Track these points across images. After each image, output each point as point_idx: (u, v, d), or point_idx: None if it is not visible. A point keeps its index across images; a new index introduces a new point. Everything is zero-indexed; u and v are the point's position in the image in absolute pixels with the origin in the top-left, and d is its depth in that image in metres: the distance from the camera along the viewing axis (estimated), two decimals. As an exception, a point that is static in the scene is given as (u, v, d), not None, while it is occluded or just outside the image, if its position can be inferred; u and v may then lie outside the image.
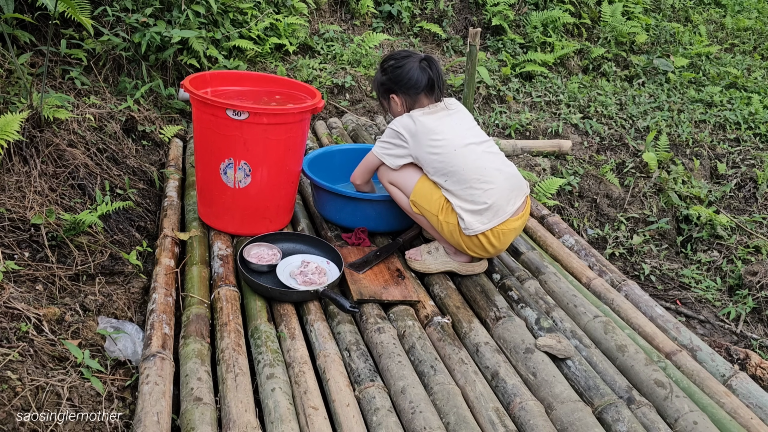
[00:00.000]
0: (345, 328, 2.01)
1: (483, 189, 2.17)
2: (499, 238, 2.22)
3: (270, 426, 1.60)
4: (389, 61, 2.33)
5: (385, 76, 2.32)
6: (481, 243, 2.22)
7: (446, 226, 2.23)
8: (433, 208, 2.23)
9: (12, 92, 2.77)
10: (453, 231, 2.22)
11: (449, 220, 2.22)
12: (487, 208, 2.17)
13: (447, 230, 2.24)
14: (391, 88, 2.32)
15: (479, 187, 2.17)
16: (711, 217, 3.42)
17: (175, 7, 3.67)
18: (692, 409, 1.78)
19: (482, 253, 2.27)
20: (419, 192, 2.26)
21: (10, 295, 1.86)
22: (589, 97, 4.84)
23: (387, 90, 2.34)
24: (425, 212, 2.26)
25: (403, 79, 2.27)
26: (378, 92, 2.40)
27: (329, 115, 4.13)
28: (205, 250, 2.35)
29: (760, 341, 2.58)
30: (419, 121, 2.22)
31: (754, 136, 4.52)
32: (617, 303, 2.33)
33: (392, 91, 2.32)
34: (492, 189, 2.17)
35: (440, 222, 2.23)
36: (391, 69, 2.30)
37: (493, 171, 2.20)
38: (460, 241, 2.23)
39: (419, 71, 2.26)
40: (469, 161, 2.18)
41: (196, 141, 2.42)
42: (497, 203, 2.18)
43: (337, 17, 5.14)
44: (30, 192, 2.29)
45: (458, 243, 2.25)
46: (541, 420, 1.69)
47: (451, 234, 2.23)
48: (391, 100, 2.34)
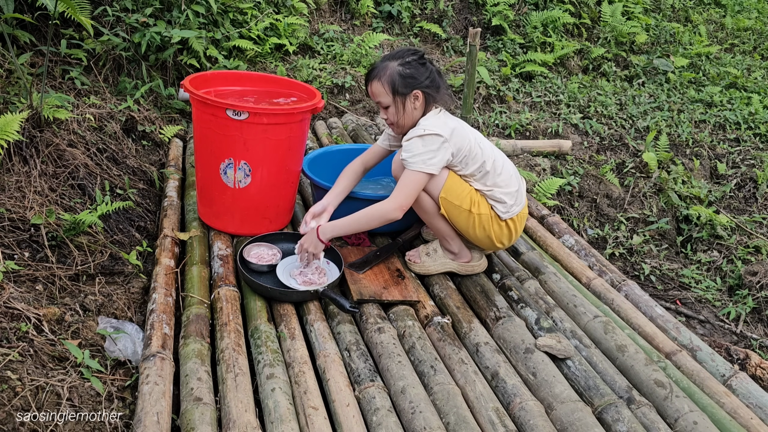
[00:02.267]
0: (345, 328, 2.01)
1: (510, 174, 2.26)
2: (522, 222, 2.33)
3: (270, 426, 1.60)
4: (412, 55, 2.15)
5: (410, 70, 2.12)
6: (510, 229, 2.27)
7: (479, 218, 2.21)
8: (465, 203, 2.19)
9: (12, 92, 2.77)
10: (486, 222, 2.22)
11: (481, 211, 2.21)
12: (518, 191, 2.27)
13: (479, 224, 2.22)
14: (418, 83, 2.12)
15: (507, 172, 2.25)
16: (711, 217, 3.42)
17: (175, 7, 3.67)
18: (692, 409, 1.78)
19: (506, 243, 2.32)
20: (449, 188, 2.17)
21: (10, 295, 1.86)
22: (589, 97, 4.84)
23: (410, 85, 2.11)
24: (454, 209, 2.19)
25: (430, 76, 2.14)
26: (394, 85, 2.12)
27: (329, 115, 4.13)
28: (205, 250, 2.35)
29: (760, 341, 2.58)
30: (451, 118, 2.20)
31: (754, 136, 4.52)
32: (617, 303, 2.33)
33: (416, 86, 2.12)
34: (513, 174, 2.28)
35: (472, 216, 2.20)
36: (415, 63, 2.13)
37: (503, 159, 2.30)
38: (491, 232, 2.24)
39: (437, 72, 2.18)
40: (492, 151, 2.26)
41: (196, 141, 2.42)
42: (520, 187, 2.30)
43: (337, 17, 5.14)
44: (30, 192, 2.29)
45: (488, 235, 2.25)
46: (541, 420, 1.69)
47: (483, 227, 2.23)
48: (410, 96, 2.13)
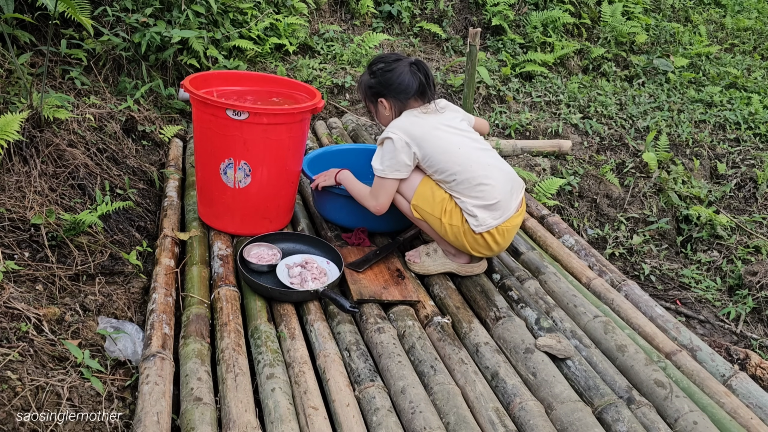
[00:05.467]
0: (345, 328, 2.01)
1: (491, 185, 2.16)
2: (503, 235, 2.21)
3: (270, 426, 1.60)
4: (378, 64, 2.26)
5: (375, 79, 2.26)
6: (486, 242, 2.20)
7: (450, 228, 2.20)
8: (436, 211, 2.20)
9: (12, 92, 2.77)
10: (457, 233, 2.19)
11: (453, 222, 2.18)
12: (496, 204, 2.16)
13: (451, 233, 2.20)
14: (380, 91, 2.26)
15: (487, 183, 2.15)
16: (711, 217, 3.42)
17: (175, 7, 3.67)
18: (692, 409, 1.78)
19: (486, 252, 2.26)
20: (420, 195, 2.22)
21: (10, 295, 1.86)
22: (589, 97, 4.84)
23: (376, 93, 2.28)
24: (427, 216, 2.22)
25: (393, 83, 2.22)
26: (365, 95, 2.33)
27: (329, 115, 4.13)
28: (205, 250, 2.35)
29: (760, 341, 2.58)
30: (418, 124, 2.18)
31: (754, 136, 4.52)
32: (617, 303, 2.33)
33: (381, 95, 2.27)
34: (496, 185, 2.17)
35: (443, 225, 2.20)
36: (380, 72, 2.24)
37: (493, 168, 2.20)
38: (464, 242, 2.21)
39: (410, 75, 2.20)
40: (473, 159, 2.17)
41: (196, 141, 2.42)
42: (504, 199, 2.18)
43: (337, 17, 5.14)
44: (30, 192, 2.29)
45: (462, 245, 2.22)
46: (541, 420, 1.69)
47: (456, 236, 2.21)
48: (379, 104, 2.29)
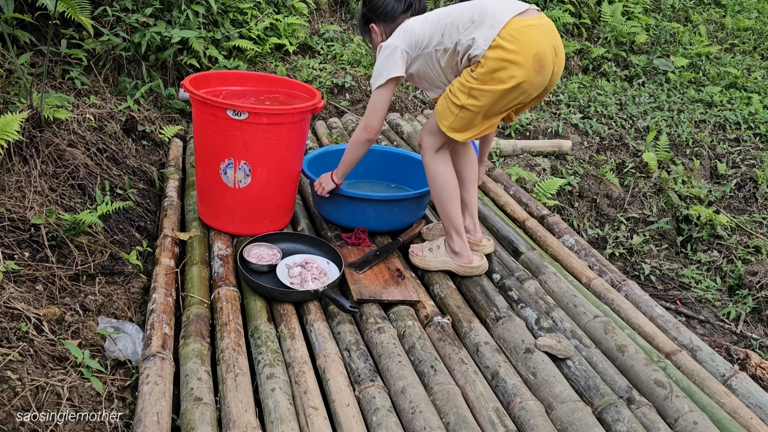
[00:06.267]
0: (345, 328, 2.01)
1: (480, 18, 2.00)
2: (515, 38, 1.93)
3: (270, 426, 1.60)
4: None
5: (365, 8, 2.39)
6: (501, 57, 1.95)
7: (468, 98, 2.01)
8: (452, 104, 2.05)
9: (12, 92, 2.77)
10: (471, 88, 2.00)
11: (465, 82, 2.01)
12: (483, 19, 1.98)
13: (468, 98, 2.02)
14: (369, 18, 2.38)
15: (475, 20, 2.00)
16: (711, 217, 3.42)
17: (175, 7, 3.67)
18: (692, 409, 1.78)
19: (521, 75, 1.96)
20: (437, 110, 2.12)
21: (10, 295, 1.86)
22: (589, 97, 4.84)
23: (366, 21, 2.39)
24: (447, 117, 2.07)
25: (380, 7, 2.34)
26: (360, 27, 2.46)
27: (329, 115, 4.13)
28: (205, 250, 2.35)
29: (760, 341, 2.58)
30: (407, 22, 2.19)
31: (754, 136, 4.52)
32: (617, 303, 2.33)
33: (371, 20, 2.38)
34: (487, 8, 2.01)
35: (464, 104, 2.02)
36: (369, 0, 2.37)
37: (491, 2, 2.03)
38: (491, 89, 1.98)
39: (395, 1, 2.32)
40: (464, 6, 2.05)
41: (196, 141, 2.42)
42: (495, 9, 1.98)
43: (337, 17, 5.14)
44: (30, 192, 2.29)
45: (493, 98, 2.00)
46: (541, 420, 1.69)
47: (472, 94, 2.01)
48: (371, 30, 2.40)
